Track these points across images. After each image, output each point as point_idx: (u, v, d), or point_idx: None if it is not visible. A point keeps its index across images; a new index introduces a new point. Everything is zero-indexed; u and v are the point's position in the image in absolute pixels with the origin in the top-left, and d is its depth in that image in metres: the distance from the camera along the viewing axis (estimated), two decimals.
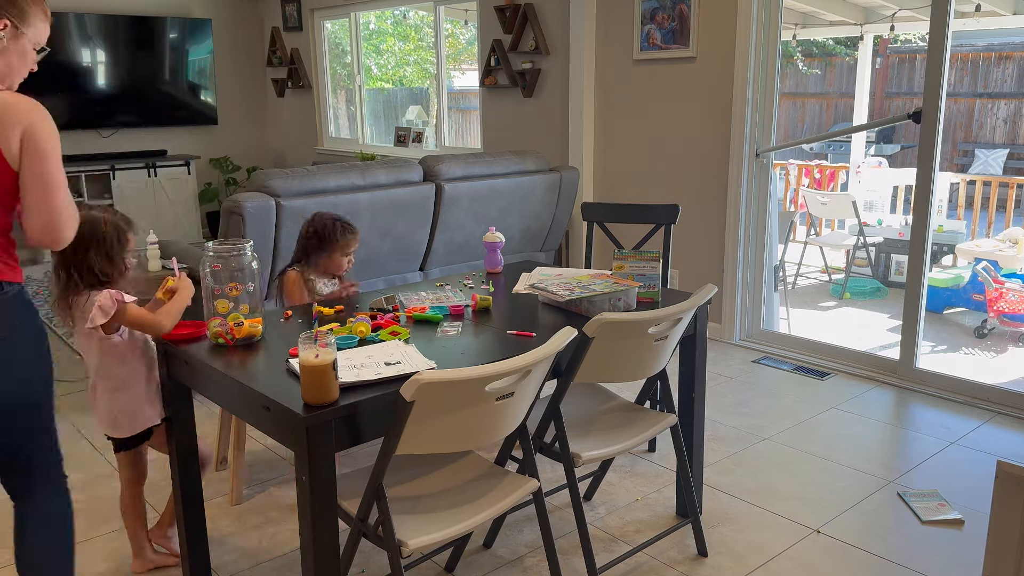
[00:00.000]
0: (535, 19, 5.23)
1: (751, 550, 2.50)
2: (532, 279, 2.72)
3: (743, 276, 4.42)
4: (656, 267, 2.51)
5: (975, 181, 7.10)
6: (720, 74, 4.29)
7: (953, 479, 2.93)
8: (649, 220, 3.29)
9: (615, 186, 4.98)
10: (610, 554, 2.46)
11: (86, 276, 2.12)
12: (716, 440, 3.26)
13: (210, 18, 7.63)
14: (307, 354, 1.66)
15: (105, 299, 2.08)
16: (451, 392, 1.70)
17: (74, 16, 6.84)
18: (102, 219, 2.14)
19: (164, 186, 7.27)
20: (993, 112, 11.23)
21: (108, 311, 2.07)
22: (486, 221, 4.11)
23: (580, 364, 2.07)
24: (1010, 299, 4.67)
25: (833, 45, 12.24)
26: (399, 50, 8.53)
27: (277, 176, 3.54)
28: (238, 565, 2.46)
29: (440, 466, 2.13)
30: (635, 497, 2.83)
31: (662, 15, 4.49)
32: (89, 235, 2.10)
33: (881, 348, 4.41)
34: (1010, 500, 1.49)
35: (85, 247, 2.10)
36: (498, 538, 2.56)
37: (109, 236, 2.14)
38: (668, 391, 2.57)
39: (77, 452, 3.20)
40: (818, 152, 11.76)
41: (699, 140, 4.47)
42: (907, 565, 2.42)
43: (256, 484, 2.95)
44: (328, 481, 1.73)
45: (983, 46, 11.10)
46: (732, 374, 4.01)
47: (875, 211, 7.16)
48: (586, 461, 2.16)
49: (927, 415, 3.50)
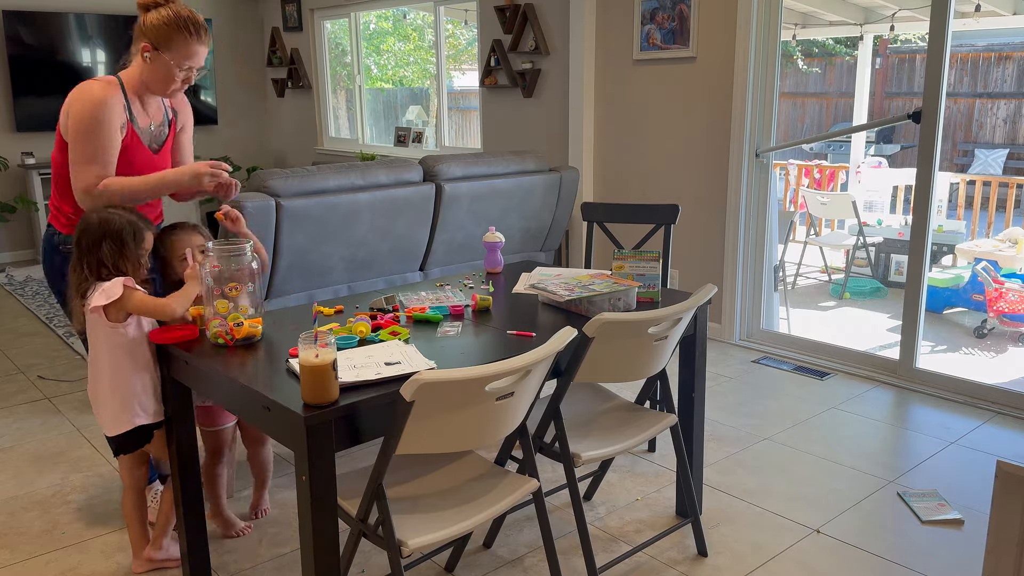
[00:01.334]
0: (535, 19, 5.23)
1: (751, 550, 2.51)
2: (532, 279, 2.72)
3: (743, 276, 4.42)
4: (656, 267, 2.51)
5: (975, 181, 7.11)
6: (720, 74, 4.29)
7: (953, 479, 2.93)
8: (649, 220, 3.29)
9: (615, 186, 4.98)
10: (610, 554, 2.46)
11: (100, 270, 2.15)
12: (716, 440, 3.26)
13: (210, 18, 7.63)
14: (307, 354, 1.66)
15: (111, 284, 2.10)
16: (451, 392, 1.70)
17: (74, 16, 6.85)
18: (116, 215, 2.17)
19: None
20: (993, 112, 11.24)
21: (111, 294, 2.08)
22: (486, 221, 4.11)
23: (580, 364, 2.07)
24: (1010, 299, 4.67)
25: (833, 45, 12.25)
26: (399, 50, 8.54)
27: (277, 176, 3.54)
28: (238, 565, 2.46)
29: (440, 466, 2.13)
30: (635, 497, 2.83)
31: (662, 15, 4.50)
32: (101, 229, 2.14)
33: (881, 348, 4.41)
34: (1010, 500, 1.49)
35: (99, 241, 2.14)
36: (498, 538, 2.56)
37: (125, 232, 2.15)
38: (668, 391, 2.57)
39: (77, 452, 3.21)
40: (818, 152, 11.77)
41: (699, 140, 4.47)
42: (907, 565, 2.42)
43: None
44: (328, 481, 1.73)
45: (983, 46, 11.11)
46: (732, 374, 4.01)
47: (875, 211, 7.16)
48: (586, 461, 2.16)
49: (927, 415, 3.51)
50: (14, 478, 3.01)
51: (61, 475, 3.02)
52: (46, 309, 5.26)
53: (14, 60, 6.64)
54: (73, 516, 2.74)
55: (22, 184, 6.87)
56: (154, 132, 2.42)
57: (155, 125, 2.43)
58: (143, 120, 2.38)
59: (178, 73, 2.30)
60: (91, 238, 2.14)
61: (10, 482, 2.98)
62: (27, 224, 6.99)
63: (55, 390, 3.85)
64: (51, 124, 6.90)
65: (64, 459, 3.15)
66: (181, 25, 2.26)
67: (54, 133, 7.40)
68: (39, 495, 2.89)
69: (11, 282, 6.07)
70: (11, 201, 6.80)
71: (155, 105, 2.42)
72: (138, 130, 2.35)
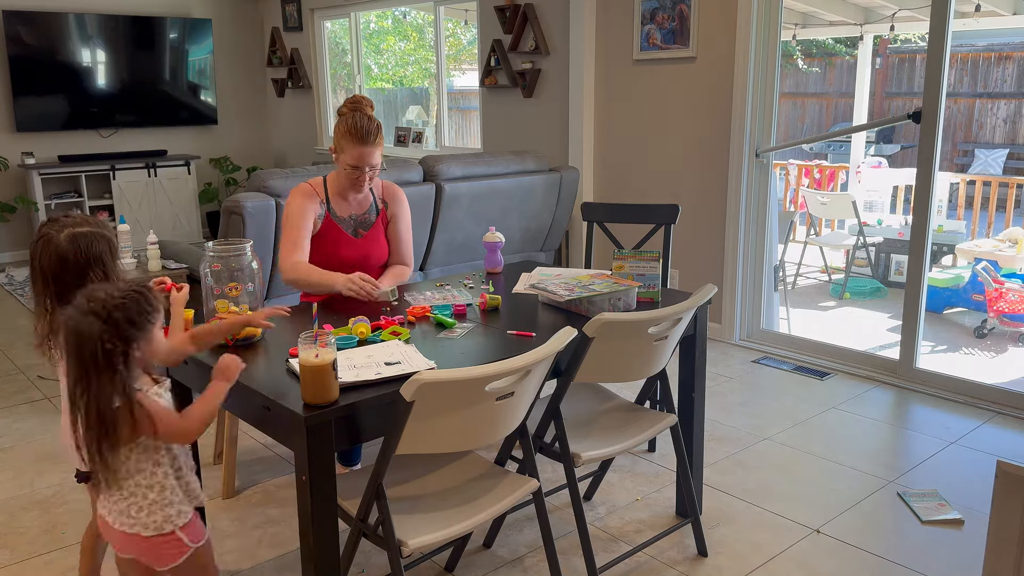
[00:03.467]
0: (535, 19, 5.23)
1: (751, 550, 2.50)
2: (532, 279, 2.72)
3: (743, 276, 4.42)
4: (656, 267, 2.51)
5: (975, 181, 7.11)
6: (720, 74, 4.29)
7: (953, 479, 2.93)
8: (649, 220, 3.29)
9: (615, 186, 4.98)
10: (610, 554, 2.46)
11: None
12: (716, 440, 3.26)
13: (210, 18, 7.64)
14: (307, 354, 1.66)
15: None
16: (451, 392, 1.70)
17: (74, 16, 6.85)
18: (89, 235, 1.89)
19: (164, 186, 7.27)
20: (993, 112, 11.23)
21: None
22: (486, 221, 4.11)
23: (580, 364, 2.07)
24: (1010, 299, 4.67)
25: (833, 45, 12.24)
26: (399, 50, 8.54)
27: (277, 176, 3.54)
28: (238, 565, 2.46)
29: (440, 466, 2.13)
30: (635, 497, 2.83)
31: (662, 15, 4.49)
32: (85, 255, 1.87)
33: (881, 348, 4.41)
34: (1010, 500, 1.49)
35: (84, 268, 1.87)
36: (498, 538, 2.56)
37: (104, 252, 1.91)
38: (668, 391, 2.57)
39: None
40: (818, 152, 11.76)
41: (699, 140, 4.47)
42: (907, 565, 2.42)
43: (256, 484, 2.96)
44: (328, 481, 1.73)
45: (983, 46, 11.10)
46: (732, 374, 4.01)
47: (875, 211, 7.16)
48: (586, 461, 2.16)
49: (927, 415, 3.50)
50: (14, 478, 3.01)
51: (61, 475, 3.02)
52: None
53: (14, 60, 6.64)
54: (73, 516, 2.74)
55: (22, 184, 6.87)
56: (358, 220, 2.79)
57: (358, 215, 2.79)
58: (343, 211, 2.77)
59: (350, 172, 2.64)
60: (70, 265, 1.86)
61: (10, 482, 2.98)
62: (27, 224, 6.99)
63: (55, 390, 3.85)
64: (51, 124, 6.92)
65: (64, 459, 3.15)
66: (348, 131, 2.60)
67: (54, 133, 7.35)
68: (39, 495, 2.89)
69: (11, 282, 6.07)
70: (11, 201, 6.80)
71: (361, 196, 2.78)
72: (337, 219, 2.74)
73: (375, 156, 2.64)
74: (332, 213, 2.74)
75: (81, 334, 1.55)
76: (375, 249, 2.80)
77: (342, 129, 2.61)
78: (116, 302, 1.58)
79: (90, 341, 1.55)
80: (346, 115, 2.63)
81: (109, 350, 1.56)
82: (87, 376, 1.56)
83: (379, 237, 2.83)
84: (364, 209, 2.81)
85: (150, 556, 1.76)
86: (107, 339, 1.55)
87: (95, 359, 1.55)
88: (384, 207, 2.86)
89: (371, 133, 2.60)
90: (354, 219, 2.79)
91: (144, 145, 7.44)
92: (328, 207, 2.73)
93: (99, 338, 1.55)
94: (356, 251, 2.75)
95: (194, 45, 7.54)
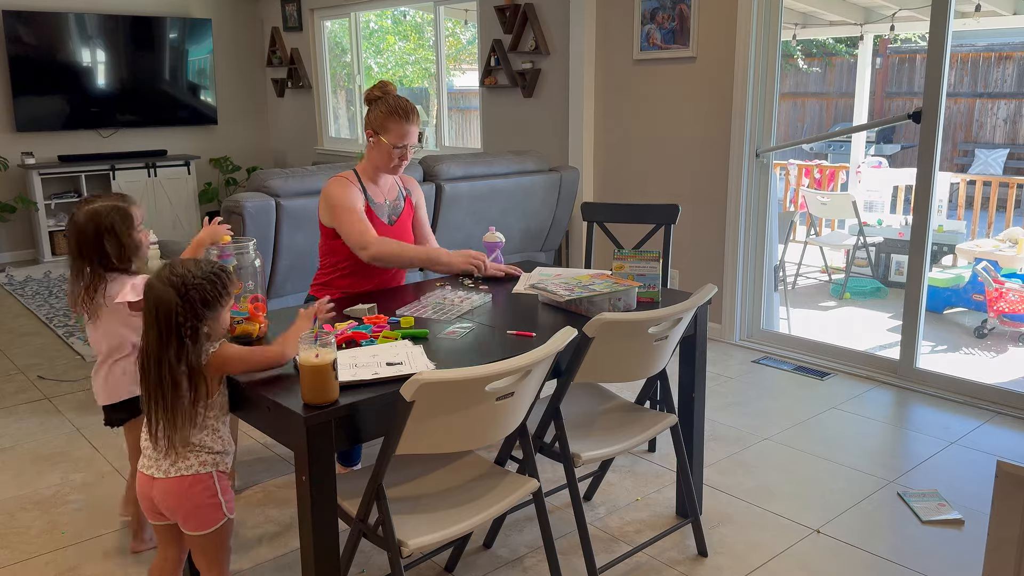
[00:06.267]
0: (535, 19, 5.23)
1: (751, 550, 2.50)
2: (532, 279, 2.72)
3: (743, 276, 4.42)
4: (656, 267, 2.51)
5: (975, 181, 7.11)
6: (720, 74, 4.29)
7: (953, 479, 2.93)
8: (649, 220, 3.29)
9: (615, 186, 4.98)
10: (610, 554, 2.46)
11: (106, 262, 2.24)
12: (716, 440, 3.26)
13: (210, 18, 7.64)
14: (307, 354, 1.66)
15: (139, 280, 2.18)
16: (451, 392, 1.70)
17: (74, 16, 6.85)
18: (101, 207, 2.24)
19: (164, 186, 7.27)
20: (993, 112, 11.23)
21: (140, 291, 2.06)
22: (486, 221, 4.11)
23: (580, 364, 2.07)
24: (1010, 299, 4.67)
25: (833, 45, 12.24)
26: (399, 50, 8.54)
27: (277, 176, 3.54)
28: (238, 565, 2.46)
29: (440, 466, 2.13)
30: (635, 497, 2.83)
31: (662, 15, 4.49)
32: (96, 227, 2.22)
33: (881, 348, 4.41)
34: (1010, 500, 1.49)
35: (99, 238, 2.22)
36: (498, 538, 2.56)
37: (116, 222, 2.23)
38: (668, 391, 2.56)
39: (77, 452, 3.21)
40: (818, 152, 11.76)
41: (699, 140, 4.46)
42: (907, 565, 2.42)
43: (256, 483, 2.96)
44: (328, 481, 1.73)
45: (983, 46, 11.10)
46: (732, 374, 4.01)
47: (875, 211, 7.16)
48: (586, 461, 2.16)
49: (927, 415, 3.50)
50: (14, 478, 3.01)
51: (61, 475, 3.02)
52: (46, 309, 5.26)
53: (14, 60, 6.63)
54: (73, 516, 2.74)
55: (22, 184, 6.87)
56: (391, 206, 2.86)
57: (390, 201, 2.87)
58: (379, 197, 2.83)
59: (395, 151, 2.70)
60: (89, 239, 2.22)
61: (10, 482, 2.98)
62: (27, 224, 6.99)
63: (55, 390, 3.85)
64: (51, 124, 6.92)
65: (64, 459, 3.15)
66: (392, 111, 2.67)
67: (54, 133, 7.35)
68: (39, 495, 2.89)
69: (11, 282, 6.07)
70: (11, 201, 6.80)
71: (389, 184, 2.88)
72: (374, 206, 2.79)
73: (415, 134, 2.72)
74: (371, 200, 2.80)
75: (160, 301, 1.72)
76: (405, 235, 2.90)
77: (384, 110, 2.68)
78: (196, 281, 1.73)
79: (166, 310, 1.71)
80: (381, 98, 2.71)
81: (180, 323, 1.71)
82: (160, 338, 1.72)
83: (407, 223, 2.93)
84: (394, 196, 2.90)
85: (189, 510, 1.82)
86: (180, 312, 1.71)
87: (169, 326, 1.71)
88: (409, 194, 2.96)
89: (411, 111, 2.70)
90: (388, 205, 2.87)
91: (144, 145, 7.44)
92: (366, 195, 2.79)
93: (174, 310, 1.71)
94: (392, 237, 2.81)
95: (194, 45, 7.54)
